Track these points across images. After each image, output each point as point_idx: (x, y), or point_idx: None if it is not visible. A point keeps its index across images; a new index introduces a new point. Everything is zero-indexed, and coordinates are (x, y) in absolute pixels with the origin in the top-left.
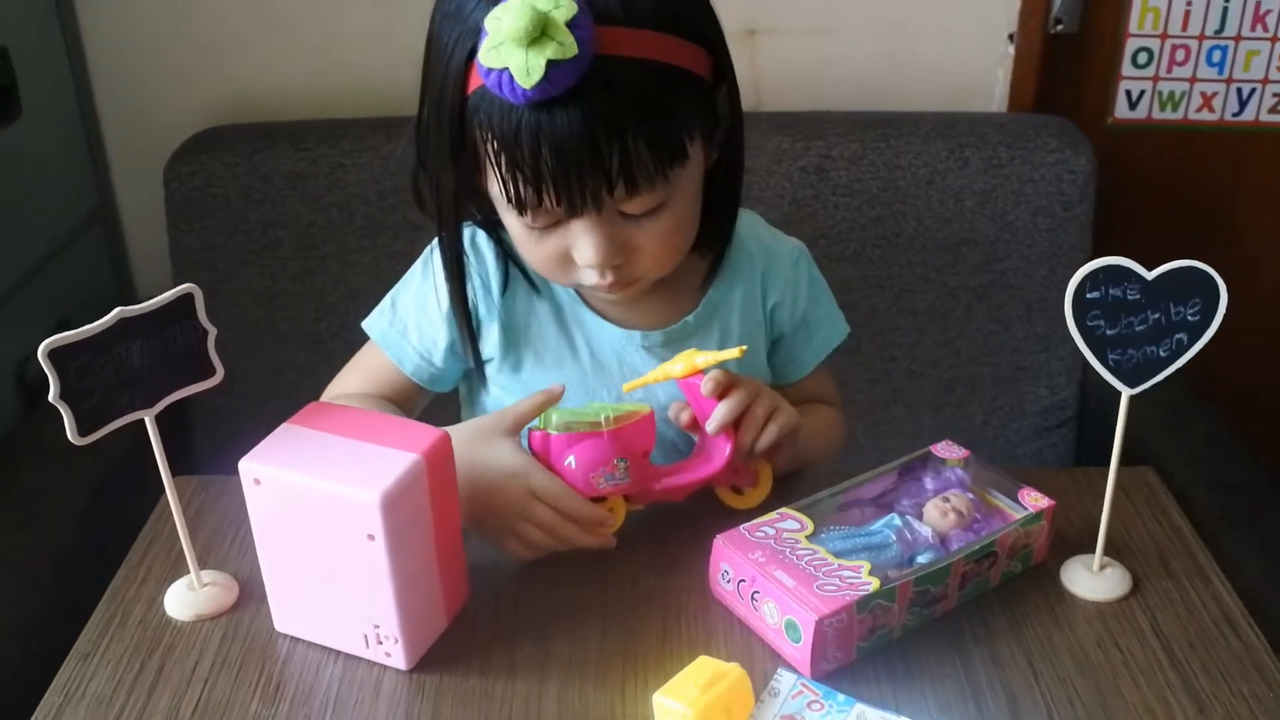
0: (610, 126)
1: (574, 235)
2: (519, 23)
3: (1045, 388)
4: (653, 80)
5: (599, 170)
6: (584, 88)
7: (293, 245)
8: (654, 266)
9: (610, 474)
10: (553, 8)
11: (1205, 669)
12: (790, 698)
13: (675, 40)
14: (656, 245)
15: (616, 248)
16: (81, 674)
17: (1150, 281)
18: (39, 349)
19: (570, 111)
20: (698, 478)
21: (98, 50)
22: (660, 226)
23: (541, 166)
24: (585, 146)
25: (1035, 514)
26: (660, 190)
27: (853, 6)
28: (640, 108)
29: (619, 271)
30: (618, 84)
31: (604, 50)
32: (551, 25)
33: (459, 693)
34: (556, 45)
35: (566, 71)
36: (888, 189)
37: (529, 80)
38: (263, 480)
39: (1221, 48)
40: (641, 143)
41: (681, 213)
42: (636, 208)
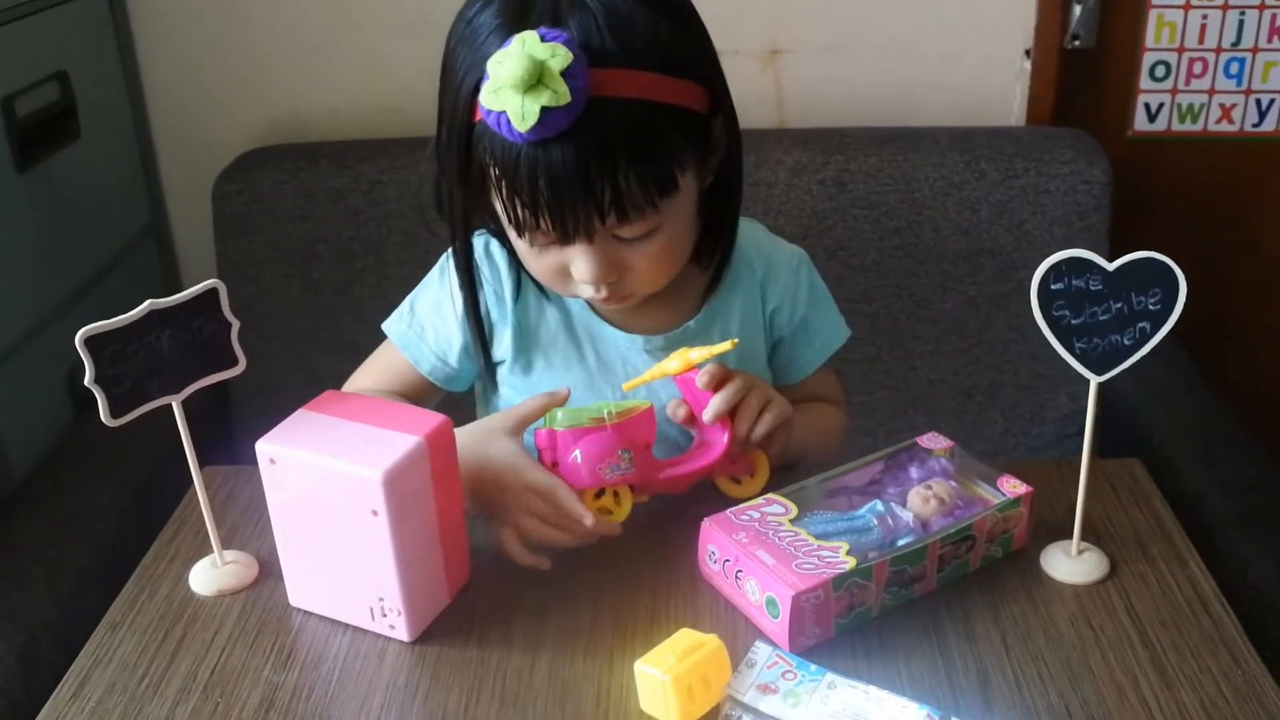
0: (603, 162)
1: (571, 254)
2: (516, 71)
3: (1065, 395)
4: (645, 118)
5: (591, 201)
6: (579, 127)
7: (333, 259)
8: (647, 284)
9: (615, 464)
10: (549, 56)
11: (1175, 647)
12: (766, 668)
13: (669, 79)
14: (649, 265)
15: (610, 267)
16: (110, 642)
17: (1111, 272)
18: (76, 336)
19: (565, 148)
20: (698, 466)
21: (152, 75)
22: (652, 249)
23: (538, 196)
24: (578, 180)
25: (1013, 500)
26: (651, 218)
27: (872, 25)
28: (632, 145)
29: (613, 287)
30: (611, 123)
31: (599, 92)
32: (547, 73)
33: (457, 662)
34: (551, 93)
35: (559, 117)
36: (906, 201)
37: (524, 124)
38: (277, 460)
39: (1239, 60)
40: (632, 177)
41: (673, 236)
42: (629, 233)
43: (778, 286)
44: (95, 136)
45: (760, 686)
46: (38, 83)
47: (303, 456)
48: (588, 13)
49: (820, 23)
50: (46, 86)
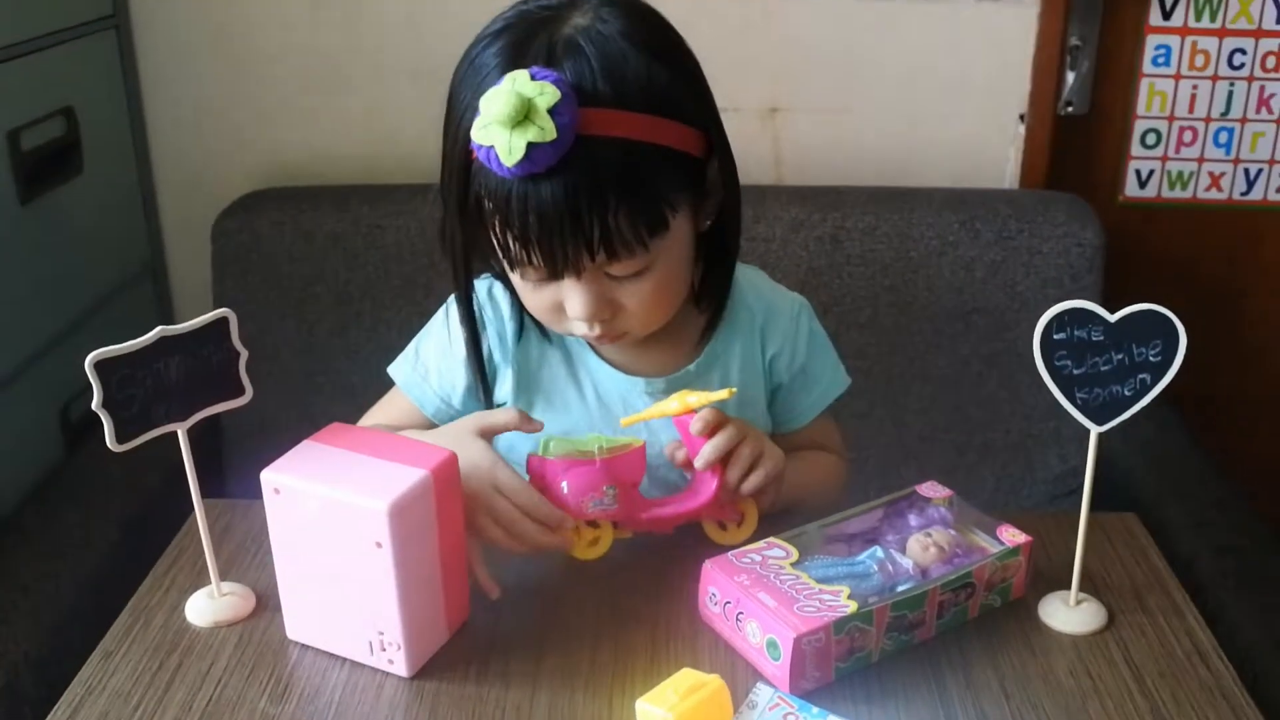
0: (591, 200)
1: (564, 290)
2: (504, 107)
3: (1055, 455)
4: (635, 158)
5: (580, 238)
6: (567, 164)
7: (330, 301)
8: (640, 323)
9: (599, 499)
10: (537, 94)
11: (1174, 697)
12: (767, 710)
13: (661, 121)
14: (641, 305)
15: (603, 304)
16: (103, 670)
17: (1113, 324)
18: (86, 360)
19: (554, 185)
20: (683, 510)
21: (156, 114)
22: (644, 288)
23: (529, 231)
24: (567, 217)
25: (1012, 549)
26: (641, 257)
27: (870, 87)
28: (621, 184)
29: (606, 325)
30: (600, 162)
31: (590, 131)
32: (534, 110)
33: (455, 698)
34: (537, 129)
35: (546, 153)
36: (901, 259)
37: (510, 159)
38: (282, 490)
39: (1228, 129)
40: (622, 215)
41: (666, 276)
42: (620, 271)
43: (777, 333)
44: (98, 172)
45: None
46: (44, 117)
47: (308, 486)
48: (582, 55)
49: (819, 83)
50: (53, 121)
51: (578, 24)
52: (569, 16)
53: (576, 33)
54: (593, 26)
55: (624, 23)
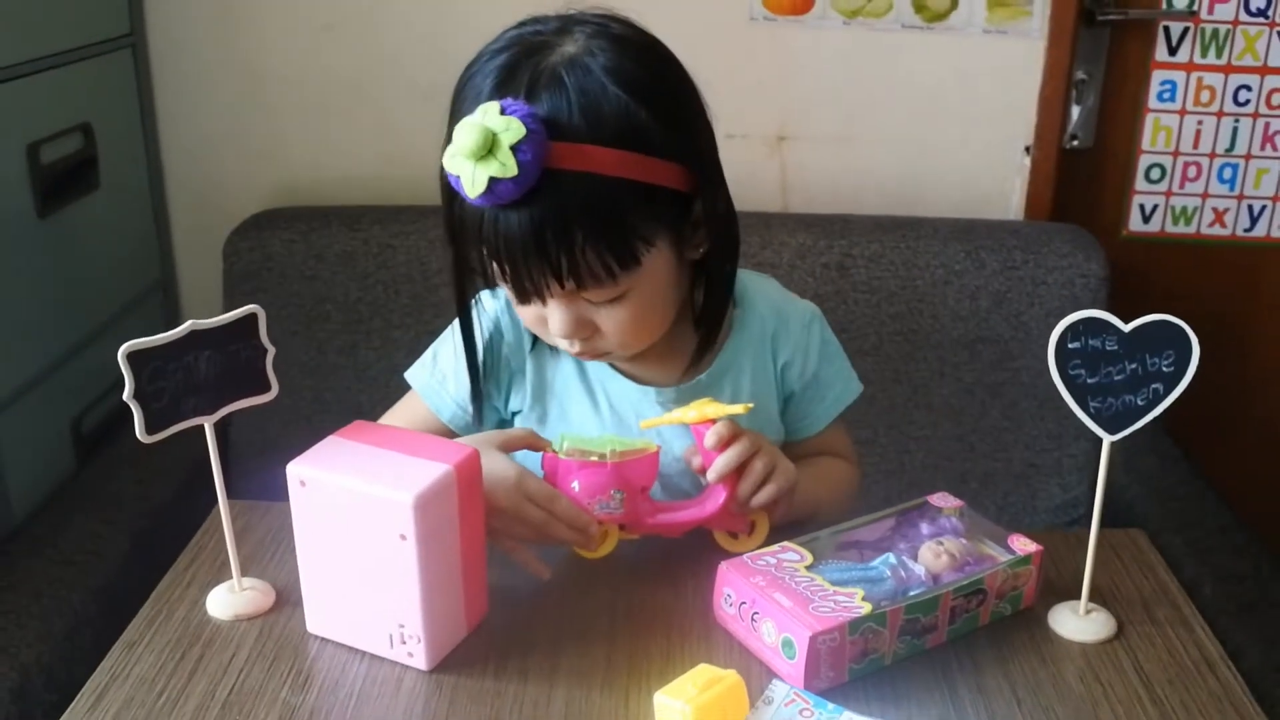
0: (557, 232)
1: (547, 308)
2: (469, 140)
3: (1057, 485)
4: (605, 193)
5: (546, 266)
6: (535, 196)
7: (340, 320)
8: (619, 345)
9: (606, 502)
10: (503, 129)
11: (1184, 704)
12: (783, 705)
13: (639, 157)
14: (618, 329)
15: (579, 325)
16: (127, 659)
17: (1127, 334)
18: (120, 350)
19: (521, 215)
20: (690, 519)
21: (170, 132)
22: (621, 314)
23: (500, 256)
24: (532, 246)
25: (1023, 557)
26: (611, 287)
27: (878, 117)
28: (588, 218)
29: (586, 344)
30: (567, 195)
31: (559, 164)
32: (497, 145)
33: (473, 692)
34: (499, 164)
35: (506, 187)
36: (906, 287)
37: (473, 191)
38: (307, 482)
39: (1232, 165)
40: (589, 248)
41: (643, 303)
42: (593, 297)
43: (789, 342)
44: (113, 188)
45: None
46: (63, 132)
47: (334, 479)
48: (562, 88)
49: (827, 112)
50: (71, 136)
51: (565, 53)
52: (560, 44)
53: (562, 64)
54: (579, 58)
55: (611, 56)
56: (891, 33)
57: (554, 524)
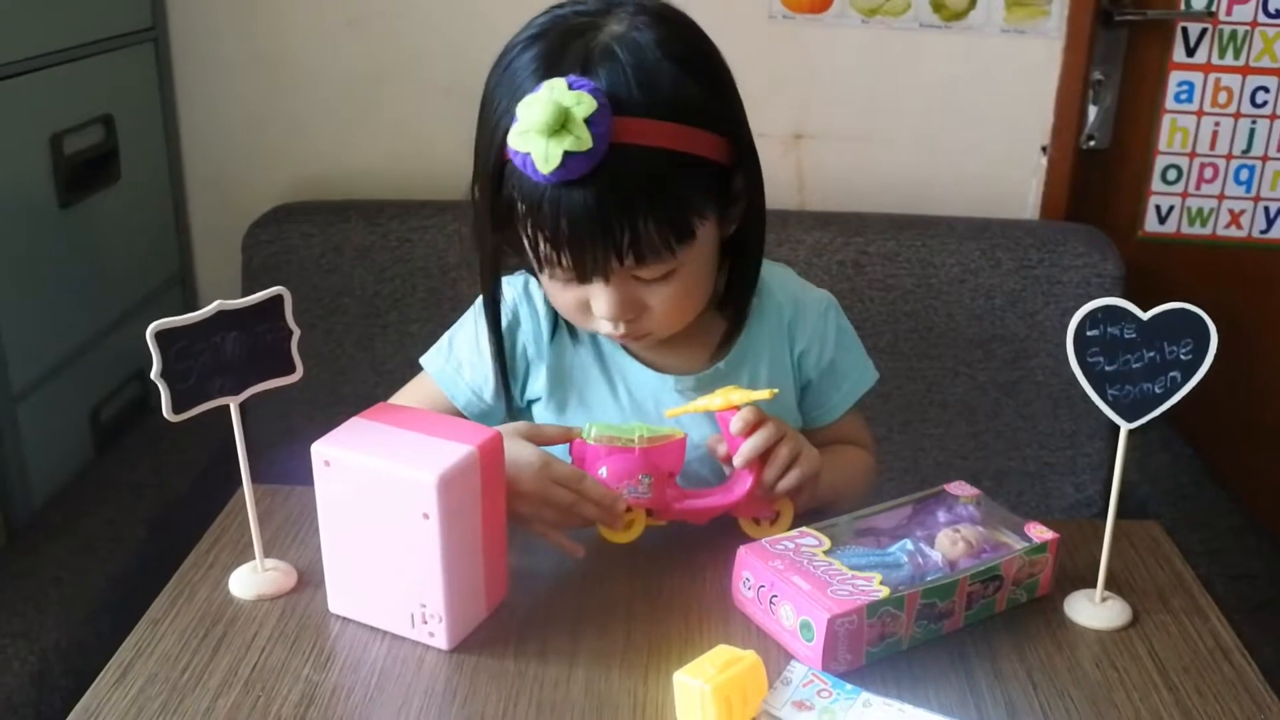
0: (622, 207)
1: (592, 290)
2: (542, 116)
3: (1071, 484)
4: (665, 167)
5: (609, 243)
6: (599, 172)
7: (357, 313)
8: (664, 325)
9: (634, 487)
10: (574, 104)
11: (1199, 690)
12: (801, 686)
13: (691, 130)
14: (665, 307)
15: (628, 305)
16: (152, 636)
17: (1145, 322)
18: (148, 330)
19: (587, 192)
20: (717, 504)
21: (190, 126)
22: (669, 291)
23: (560, 235)
24: (597, 222)
25: (1039, 545)
26: (669, 261)
27: (894, 116)
28: (650, 192)
29: (631, 325)
30: (631, 170)
31: (622, 139)
32: (571, 120)
33: (494, 672)
34: (574, 139)
35: (581, 161)
36: (921, 285)
37: (547, 167)
38: (332, 462)
39: (1249, 167)
40: (650, 222)
41: (690, 280)
42: (646, 274)
43: (805, 329)
44: (134, 180)
45: (796, 703)
46: (85, 123)
47: (358, 459)
48: (617, 63)
49: (844, 110)
50: (93, 128)
51: (613, 31)
52: (604, 24)
53: (612, 40)
54: (628, 35)
55: (658, 32)
56: (910, 31)
57: (582, 504)
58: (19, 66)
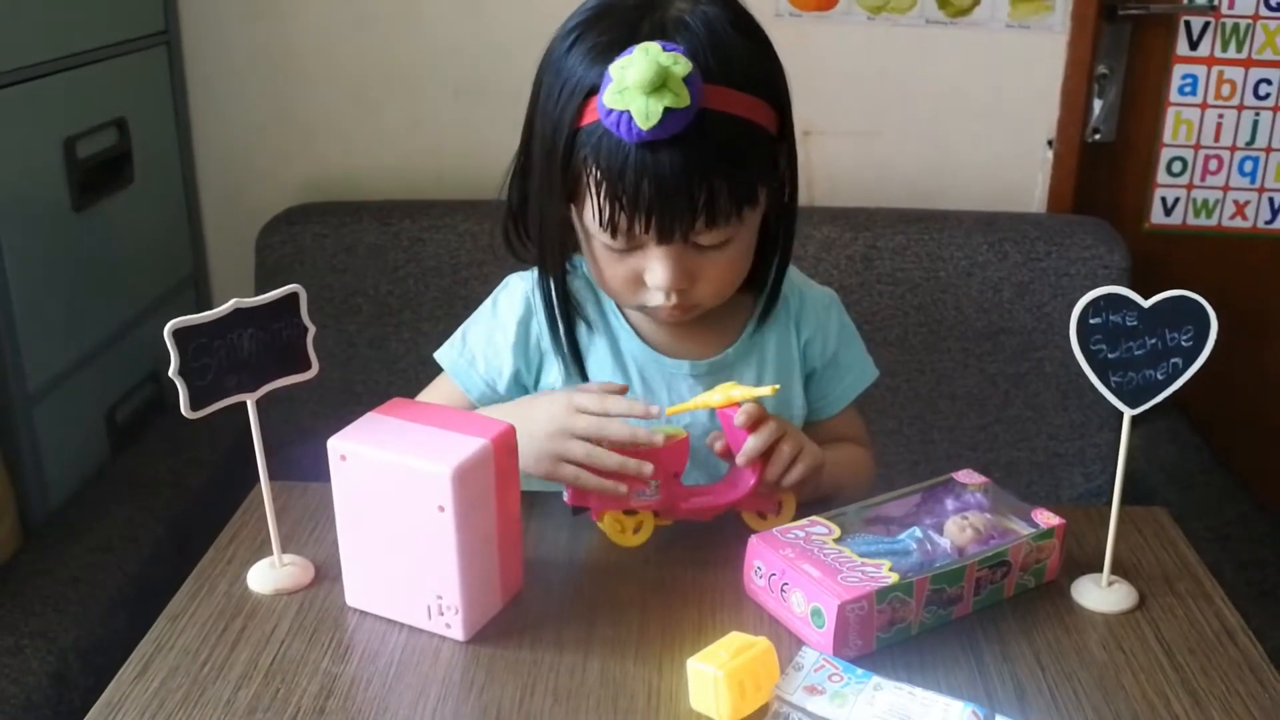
0: (702, 170)
1: (649, 259)
2: (645, 74)
3: (1080, 474)
4: (739, 133)
5: (688, 205)
6: (686, 135)
7: (370, 312)
8: (712, 295)
9: (641, 491)
10: (672, 63)
11: (1204, 671)
12: (813, 670)
13: (757, 101)
14: (718, 274)
15: (683, 274)
16: (171, 631)
17: (1147, 309)
18: (165, 328)
19: (673, 153)
20: (722, 502)
21: (203, 128)
22: (724, 258)
23: (640, 197)
24: (681, 185)
25: (1046, 530)
26: (732, 226)
27: (901, 111)
28: (728, 156)
29: (682, 295)
30: (712, 134)
31: (707, 104)
32: (671, 78)
33: (510, 662)
34: (673, 96)
35: (678, 119)
36: (930, 279)
37: (647, 123)
38: (348, 456)
39: (1253, 158)
40: (724, 186)
41: (743, 248)
42: (708, 240)
43: (810, 320)
44: (147, 183)
45: (808, 688)
46: (98, 127)
47: (373, 453)
48: (692, 33)
49: (852, 106)
50: (106, 131)
51: (680, 7)
52: (668, 3)
53: (683, 13)
54: (696, 9)
55: (721, 9)
56: (915, 28)
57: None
58: (33, 71)
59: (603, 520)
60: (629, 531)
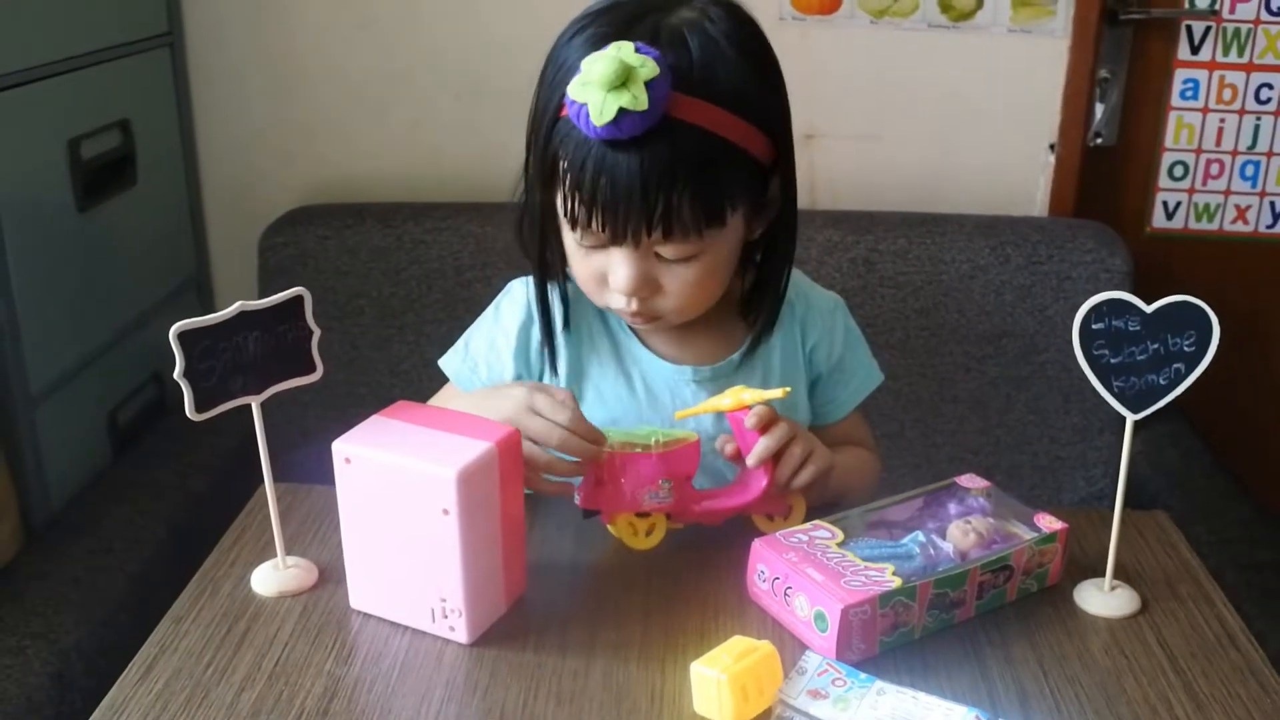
0: (662, 178)
1: (613, 261)
2: (606, 69)
3: (1082, 478)
4: (710, 149)
5: (644, 212)
6: (648, 139)
7: (374, 314)
8: (675, 309)
9: (655, 493)
10: (639, 65)
11: (1205, 675)
12: (816, 675)
13: (740, 121)
14: (681, 290)
15: (645, 282)
16: (175, 633)
17: (1149, 314)
18: (171, 330)
19: (632, 155)
20: (734, 504)
21: (206, 130)
22: (688, 274)
23: (597, 194)
24: (637, 188)
25: (1049, 534)
26: (694, 243)
27: (903, 115)
28: (693, 170)
29: (644, 304)
30: (678, 144)
31: (676, 113)
32: (632, 78)
33: (514, 664)
34: (631, 96)
35: (634, 121)
36: (932, 282)
37: (600, 119)
38: (352, 459)
39: (1255, 162)
40: (685, 199)
41: (710, 268)
42: (670, 253)
43: (816, 325)
44: (150, 185)
45: (811, 692)
46: (102, 128)
47: (378, 455)
48: (684, 45)
49: (854, 110)
50: (110, 132)
51: (685, 16)
52: (678, 8)
53: (683, 24)
54: (699, 21)
55: (728, 25)
56: (918, 32)
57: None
58: (37, 72)
59: (615, 523)
60: (641, 534)
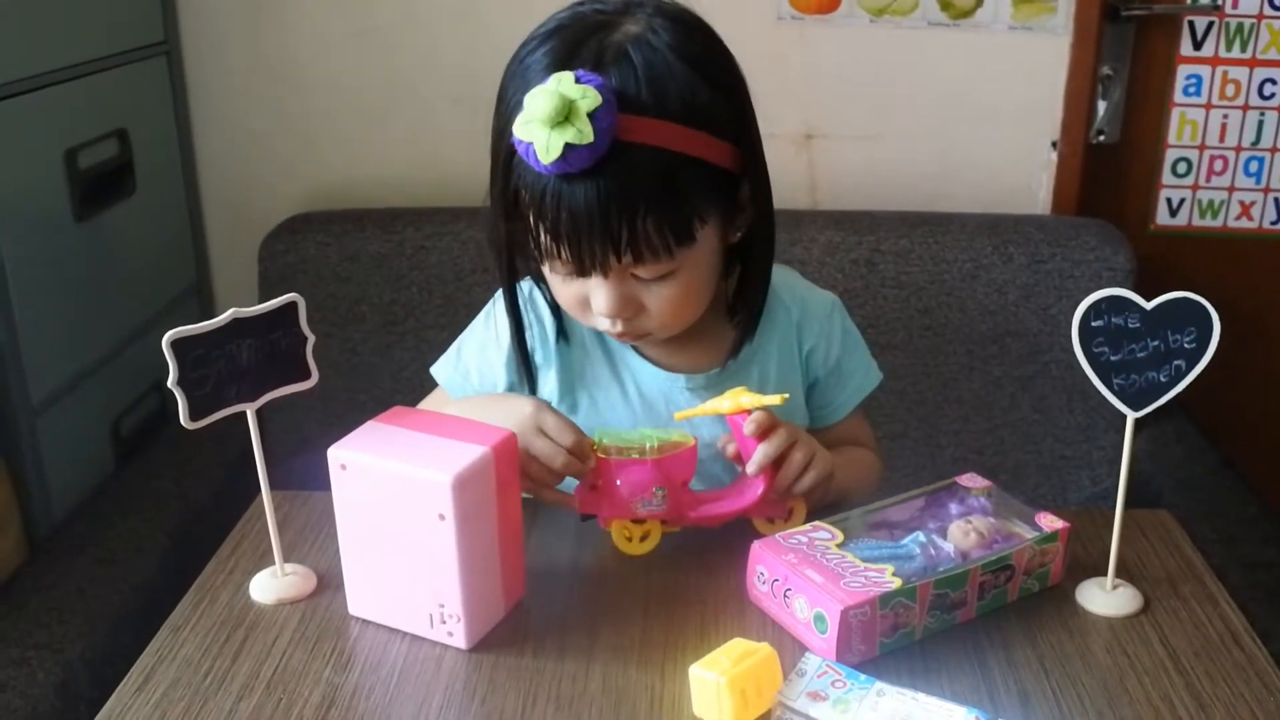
0: (623, 204)
1: (591, 286)
2: (545, 106)
3: (1087, 477)
4: (670, 168)
5: (608, 239)
6: (603, 167)
7: (375, 321)
8: (661, 325)
9: (648, 500)
10: (579, 97)
11: (1209, 674)
12: (816, 677)
13: (699, 134)
14: (663, 307)
15: (625, 303)
16: (173, 642)
17: (1149, 311)
18: (164, 339)
19: (588, 186)
20: (732, 509)
21: (205, 138)
22: (668, 292)
23: (560, 227)
24: (597, 218)
25: (1050, 534)
26: (667, 262)
27: (903, 114)
28: (653, 192)
29: (629, 324)
30: (634, 168)
31: (627, 137)
32: (574, 112)
33: (512, 669)
34: (576, 131)
35: (581, 154)
36: (934, 282)
37: (547, 157)
38: (348, 465)
39: (1259, 158)
40: (650, 222)
41: (690, 282)
42: (645, 273)
43: (812, 328)
44: (149, 193)
45: (810, 694)
46: (100, 138)
47: (374, 462)
48: (629, 63)
49: (854, 109)
50: (107, 142)
51: (629, 31)
52: (621, 23)
53: (627, 40)
54: (643, 36)
55: (674, 36)
56: (918, 30)
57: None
58: (34, 82)
59: (610, 528)
60: (636, 540)
